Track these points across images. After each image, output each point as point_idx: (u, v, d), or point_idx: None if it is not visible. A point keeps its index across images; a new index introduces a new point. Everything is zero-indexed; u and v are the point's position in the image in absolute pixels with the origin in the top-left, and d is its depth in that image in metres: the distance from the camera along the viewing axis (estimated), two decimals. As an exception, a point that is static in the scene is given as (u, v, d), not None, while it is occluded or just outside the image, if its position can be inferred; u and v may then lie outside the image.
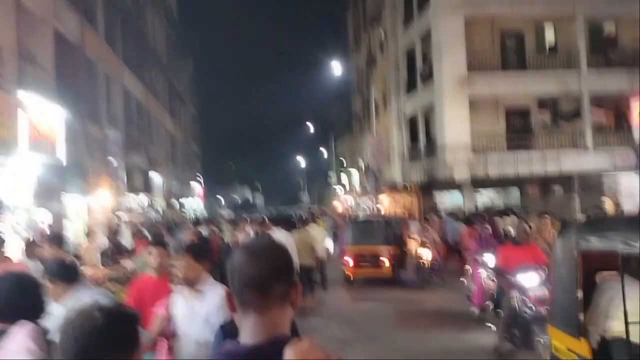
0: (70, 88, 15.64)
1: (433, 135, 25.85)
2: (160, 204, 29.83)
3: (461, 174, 23.41)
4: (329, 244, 16.17)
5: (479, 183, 24.17)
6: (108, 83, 21.63)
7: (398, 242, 15.45)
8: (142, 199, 25.12)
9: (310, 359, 1.46)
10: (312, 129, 59.55)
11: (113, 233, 11.59)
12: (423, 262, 14.40)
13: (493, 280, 8.79)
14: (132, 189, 24.26)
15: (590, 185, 24.77)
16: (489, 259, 9.33)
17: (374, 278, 14.81)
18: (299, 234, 11.64)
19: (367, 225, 16.30)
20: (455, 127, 23.64)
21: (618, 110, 24.95)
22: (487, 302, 9.19)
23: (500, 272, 7.93)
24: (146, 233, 9.73)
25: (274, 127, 70.02)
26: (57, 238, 7.05)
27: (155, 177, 29.88)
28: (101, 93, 20.49)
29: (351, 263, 14.85)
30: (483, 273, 9.55)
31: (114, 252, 9.23)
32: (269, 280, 1.59)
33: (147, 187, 26.97)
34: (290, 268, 1.67)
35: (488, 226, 11.01)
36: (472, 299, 10.15)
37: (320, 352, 1.49)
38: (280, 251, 1.67)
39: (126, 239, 11.60)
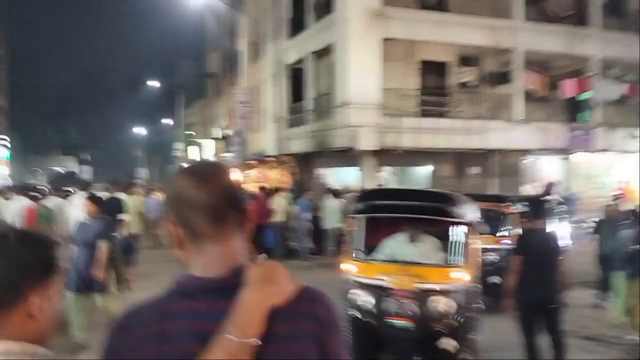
0: None
1: (327, 90, 19.42)
2: None
3: (368, 143, 17.24)
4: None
5: (385, 158, 18.19)
6: None
7: None
8: None
9: (274, 278, 1.32)
10: (155, 95, 50.77)
11: None
12: None
13: None
14: None
15: (511, 168, 20.01)
16: None
17: None
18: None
19: None
20: (362, 79, 17.33)
21: (553, 77, 20.28)
22: None
23: None
24: None
25: (109, 89, 59.43)
26: None
27: None
28: None
29: None
30: None
31: None
32: (225, 206, 1.35)
33: None
34: (241, 194, 1.44)
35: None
36: None
37: (285, 273, 1.36)
38: (230, 175, 1.43)
39: None
